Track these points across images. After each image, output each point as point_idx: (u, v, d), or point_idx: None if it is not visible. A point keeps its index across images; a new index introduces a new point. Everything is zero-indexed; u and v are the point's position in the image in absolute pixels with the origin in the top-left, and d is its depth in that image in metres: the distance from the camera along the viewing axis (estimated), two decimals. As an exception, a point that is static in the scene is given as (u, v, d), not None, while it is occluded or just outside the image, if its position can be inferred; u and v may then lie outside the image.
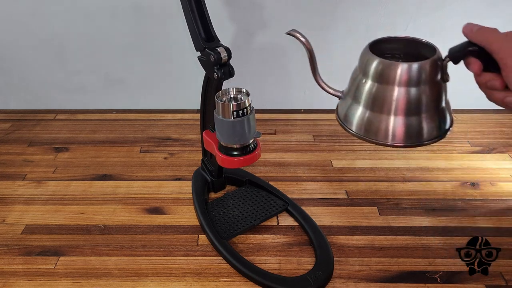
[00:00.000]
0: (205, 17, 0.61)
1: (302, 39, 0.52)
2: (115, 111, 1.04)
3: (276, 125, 0.98)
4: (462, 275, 0.61)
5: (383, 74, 0.46)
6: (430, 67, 0.45)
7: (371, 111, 0.48)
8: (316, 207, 0.74)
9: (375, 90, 0.47)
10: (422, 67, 0.45)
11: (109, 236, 0.68)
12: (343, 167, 0.84)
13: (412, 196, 0.76)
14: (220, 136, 0.60)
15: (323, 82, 0.53)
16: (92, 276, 0.62)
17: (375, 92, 0.47)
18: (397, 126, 0.46)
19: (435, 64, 0.45)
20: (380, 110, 0.47)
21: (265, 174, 0.81)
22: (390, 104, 0.46)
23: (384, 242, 0.67)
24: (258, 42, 0.95)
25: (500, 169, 0.82)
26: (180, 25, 0.92)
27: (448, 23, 0.91)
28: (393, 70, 0.45)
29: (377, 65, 0.46)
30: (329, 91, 0.53)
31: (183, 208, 0.74)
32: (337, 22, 0.92)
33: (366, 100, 0.48)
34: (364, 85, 0.48)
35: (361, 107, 0.48)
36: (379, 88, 0.46)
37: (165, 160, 0.87)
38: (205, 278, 0.61)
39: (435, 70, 0.45)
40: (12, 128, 0.98)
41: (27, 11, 0.92)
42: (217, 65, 0.60)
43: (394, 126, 0.47)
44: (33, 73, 1.01)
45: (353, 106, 0.49)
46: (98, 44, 0.96)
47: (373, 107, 0.47)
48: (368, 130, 0.48)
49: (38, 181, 0.81)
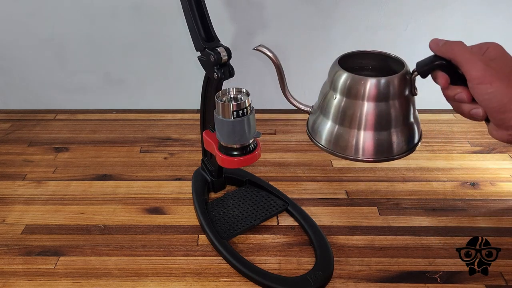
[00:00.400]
0: (205, 17, 0.61)
1: (270, 54, 0.52)
2: (115, 111, 1.04)
3: (276, 125, 0.98)
4: (462, 275, 0.61)
5: (351, 88, 0.46)
6: (398, 81, 0.45)
7: (340, 126, 0.48)
8: (316, 207, 0.74)
9: (344, 105, 0.47)
10: (390, 82, 0.45)
11: (109, 236, 0.68)
12: (343, 167, 0.84)
13: (412, 196, 0.76)
14: (220, 136, 0.60)
15: (292, 97, 0.54)
16: (92, 276, 0.62)
17: (344, 106, 0.47)
18: (366, 141, 0.47)
19: (404, 78, 0.45)
20: (349, 125, 0.47)
21: (265, 174, 0.81)
22: (359, 119, 0.46)
23: (384, 242, 0.67)
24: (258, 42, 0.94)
25: (500, 169, 0.82)
26: (180, 25, 0.92)
27: (448, 23, 0.91)
28: (362, 85, 0.45)
29: (345, 79, 0.46)
30: (298, 107, 0.54)
31: (183, 208, 0.74)
32: (337, 22, 0.92)
33: (335, 115, 0.48)
34: (333, 99, 0.48)
35: (330, 121, 0.49)
36: (348, 103, 0.47)
37: (165, 160, 0.87)
38: (205, 278, 0.61)
39: (404, 85, 0.46)
40: (12, 128, 0.98)
41: (27, 11, 0.92)
42: (217, 65, 0.60)
43: (363, 141, 0.47)
44: (33, 73, 1.01)
45: (322, 121, 0.50)
46: (98, 44, 0.96)
47: (342, 122, 0.47)
48: (336, 145, 0.48)
49: (38, 181, 0.81)
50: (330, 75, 0.49)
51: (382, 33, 0.93)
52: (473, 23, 0.91)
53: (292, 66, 0.99)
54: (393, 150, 0.47)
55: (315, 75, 0.99)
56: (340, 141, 0.48)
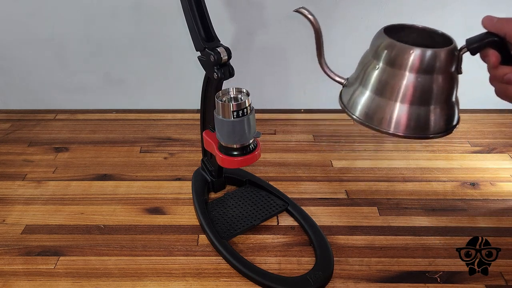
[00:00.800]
0: (205, 17, 0.61)
1: (310, 17, 0.48)
2: (115, 111, 1.04)
3: (276, 125, 0.98)
4: (462, 275, 0.61)
5: (396, 57, 0.44)
6: (445, 55, 0.43)
7: (379, 97, 0.46)
8: (316, 207, 0.74)
9: (386, 75, 0.45)
10: (437, 54, 0.43)
11: (109, 236, 0.68)
12: (343, 167, 0.84)
13: (412, 196, 0.76)
14: (220, 136, 0.60)
15: (327, 67, 0.51)
16: (92, 276, 0.62)
17: (386, 76, 0.45)
18: (404, 115, 0.45)
19: (451, 53, 0.44)
20: (389, 96, 0.45)
21: (265, 174, 0.81)
22: (400, 90, 0.44)
23: (384, 242, 0.67)
24: (258, 42, 0.95)
25: (500, 169, 0.83)
26: (180, 25, 0.92)
27: (448, 23, 0.91)
28: (408, 54, 0.43)
29: (391, 48, 0.44)
30: (333, 77, 0.51)
31: (183, 208, 0.74)
32: (337, 22, 0.92)
33: (374, 85, 0.46)
34: (374, 69, 0.46)
35: (369, 92, 0.46)
36: (391, 73, 0.45)
37: (165, 160, 0.87)
38: (205, 278, 0.61)
39: (451, 60, 0.44)
40: (12, 128, 0.98)
41: (27, 11, 0.92)
42: (217, 65, 0.60)
43: (401, 114, 0.45)
44: (33, 73, 1.01)
45: (359, 92, 0.47)
46: (98, 44, 0.96)
47: (382, 93, 0.45)
48: (373, 117, 0.46)
49: (38, 181, 0.81)
50: (373, 44, 0.47)
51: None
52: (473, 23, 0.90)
53: (292, 66, 0.99)
54: (430, 128, 0.45)
55: (315, 75, 1.00)
56: (377, 113, 0.46)
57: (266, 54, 0.96)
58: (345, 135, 0.94)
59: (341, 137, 0.93)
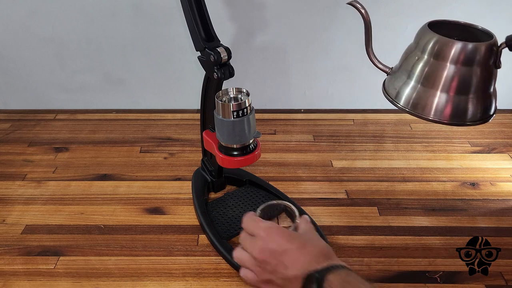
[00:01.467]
0: (205, 17, 0.61)
1: (362, 11, 0.54)
2: (115, 111, 1.04)
3: (276, 125, 0.98)
4: (462, 275, 0.61)
5: (440, 50, 0.48)
6: (485, 49, 0.47)
7: (422, 86, 0.50)
8: (316, 207, 0.74)
9: (430, 66, 0.49)
10: (477, 48, 0.47)
11: (109, 236, 0.68)
12: (343, 167, 0.84)
13: (412, 196, 0.76)
14: (220, 136, 0.60)
15: (374, 56, 0.55)
16: (92, 276, 0.62)
17: (429, 68, 0.49)
18: (445, 103, 0.48)
19: (491, 48, 0.47)
20: (432, 86, 0.49)
21: (265, 174, 0.81)
22: (442, 80, 0.48)
23: (384, 242, 0.67)
24: (258, 42, 0.95)
25: (500, 169, 0.83)
26: (180, 25, 0.92)
27: (448, 23, 0.91)
28: (450, 47, 0.47)
29: (435, 41, 0.48)
30: (378, 66, 0.55)
31: (183, 208, 0.74)
32: (337, 22, 0.92)
33: (418, 75, 0.50)
34: (419, 60, 0.50)
35: (413, 82, 0.50)
36: (434, 64, 0.48)
37: (165, 160, 0.87)
38: (205, 278, 0.61)
39: (490, 54, 0.47)
40: (12, 128, 0.98)
41: (27, 11, 0.92)
42: (217, 65, 0.60)
43: (442, 103, 0.49)
44: (33, 73, 1.01)
45: (403, 81, 0.51)
46: (98, 44, 0.96)
47: (425, 82, 0.49)
48: (416, 105, 0.50)
49: (38, 181, 0.81)
50: (417, 37, 0.51)
51: (382, 33, 0.93)
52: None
53: (292, 66, 0.99)
54: (467, 116, 0.49)
55: (315, 75, 1.00)
56: (420, 101, 0.50)
57: (266, 54, 0.96)
58: (345, 135, 0.94)
59: (341, 137, 0.93)
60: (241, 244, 0.51)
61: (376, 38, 0.94)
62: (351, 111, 1.03)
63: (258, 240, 0.48)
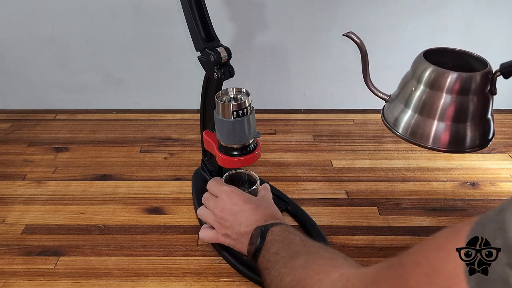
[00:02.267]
0: (205, 17, 0.61)
1: (358, 41, 0.54)
2: (115, 111, 1.04)
3: (276, 125, 0.98)
4: (462, 275, 0.61)
5: (435, 80, 0.49)
6: (480, 78, 0.48)
7: (419, 115, 0.51)
8: (316, 207, 0.74)
9: (426, 96, 0.50)
10: (473, 78, 0.48)
11: (109, 236, 0.68)
12: (343, 167, 0.84)
13: (412, 196, 0.76)
14: (220, 136, 0.60)
15: (372, 85, 0.56)
16: (92, 276, 0.62)
17: (425, 97, 0.50)
18: (443, 131, 0.49)
19: (486, 76, 0.48)
20: (428, 115, 0.50)
21: (265, 174, 0.81)
22: (438, 109, 0.49)
23: (384, 242, 0.67)
24: (258, 42, 0.95)
25: (500, 169, 0.83)
26: (180, 25, 0.92)
27: (448, 23, 0.91)
28: (445, 78, 0.48)
29: (430, 72, 0.49)
30: (377, 94, 0.56)
31: (183, 208, 0.74)
32: (337, 22, 0.92)
33: (415, 105, 0.51)
34: (416, 90, 0.51)
35: (410, 110, 0.51)
36: (430, 94, 0.49)
37: (165, 160, 0.87)
38: (205, 278, 0.61)
39: (485, 82, 0.48)
40: (12, 128, 0.98)
41: (27, 11, 0.92)
42: (217, 65, 0.60)
43: (440, 131, 0.49)
44: (33, 73, 1.01)
45: (401, 109, 0.52)
46: (98, 44, 0.96)
47: (422, 111, 0.50)
48: (414, 133, 0.51)
49: (38, 181, 0.81)
50: (414, 67, 0.52)
51: (382, 33, 0.93)
52: (473, 23, 0.91)
53: (292, 66, 0.99)
54: (466, 143, 0.50)
55: (315, 75, 1.00)
56: (419, 129, 0.51)
57: (266, 54, 0.96)
58: (345, 135, 0.94)
59: (341, 137, 0.93)
60: (204, 203, 0.61)
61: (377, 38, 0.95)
62: (351, 111, 1.03)
63: (220, 200, 0.57)
